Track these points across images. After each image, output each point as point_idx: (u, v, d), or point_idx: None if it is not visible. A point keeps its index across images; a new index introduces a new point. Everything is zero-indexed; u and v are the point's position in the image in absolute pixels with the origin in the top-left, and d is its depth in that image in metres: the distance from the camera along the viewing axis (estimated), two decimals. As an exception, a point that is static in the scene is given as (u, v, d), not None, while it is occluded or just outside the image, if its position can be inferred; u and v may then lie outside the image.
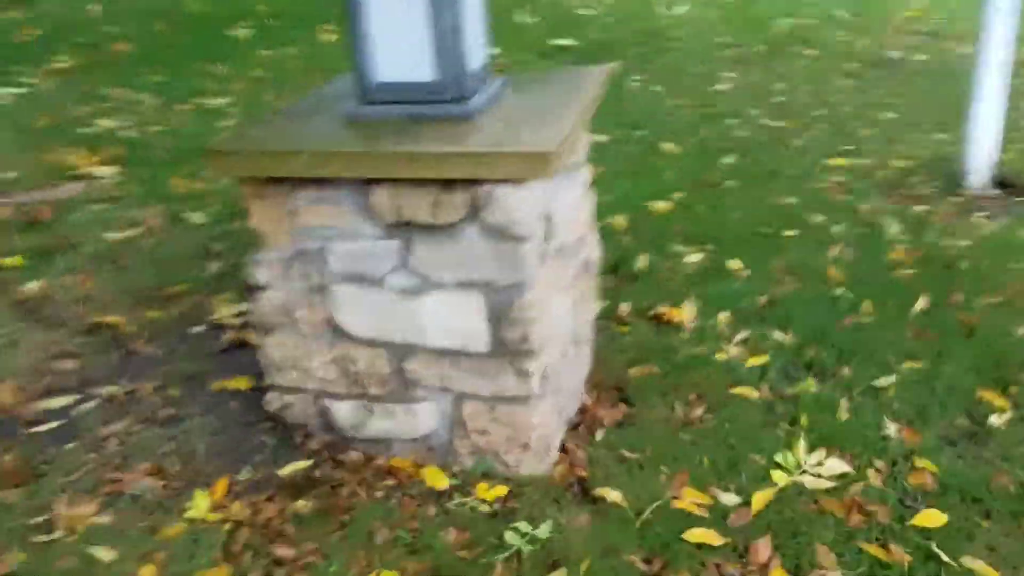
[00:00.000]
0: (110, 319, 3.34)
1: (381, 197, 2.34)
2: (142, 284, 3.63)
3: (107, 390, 3.01)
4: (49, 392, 2.98)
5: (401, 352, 2.53)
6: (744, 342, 3.19)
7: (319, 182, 2.37)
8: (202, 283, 3.66)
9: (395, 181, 2.30)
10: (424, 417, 2.59)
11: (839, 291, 3.48)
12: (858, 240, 3.91)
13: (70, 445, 2.71)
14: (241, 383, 3.04)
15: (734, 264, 3.68)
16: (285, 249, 2.50)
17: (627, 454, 2.64)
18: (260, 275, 2.55)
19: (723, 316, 3.34)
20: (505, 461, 2.56)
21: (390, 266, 2.43)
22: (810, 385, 2.93)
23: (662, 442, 2.68)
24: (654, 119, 5.68)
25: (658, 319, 3.33)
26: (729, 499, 2.47)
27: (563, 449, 2.67)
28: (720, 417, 2.80)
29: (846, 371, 3.01)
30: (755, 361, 3.06)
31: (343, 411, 2.65)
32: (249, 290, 2.60)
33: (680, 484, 2.52)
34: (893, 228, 4.05)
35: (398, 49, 2.39)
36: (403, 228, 2.38)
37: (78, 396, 2.96)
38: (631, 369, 3.05)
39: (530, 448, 2.53)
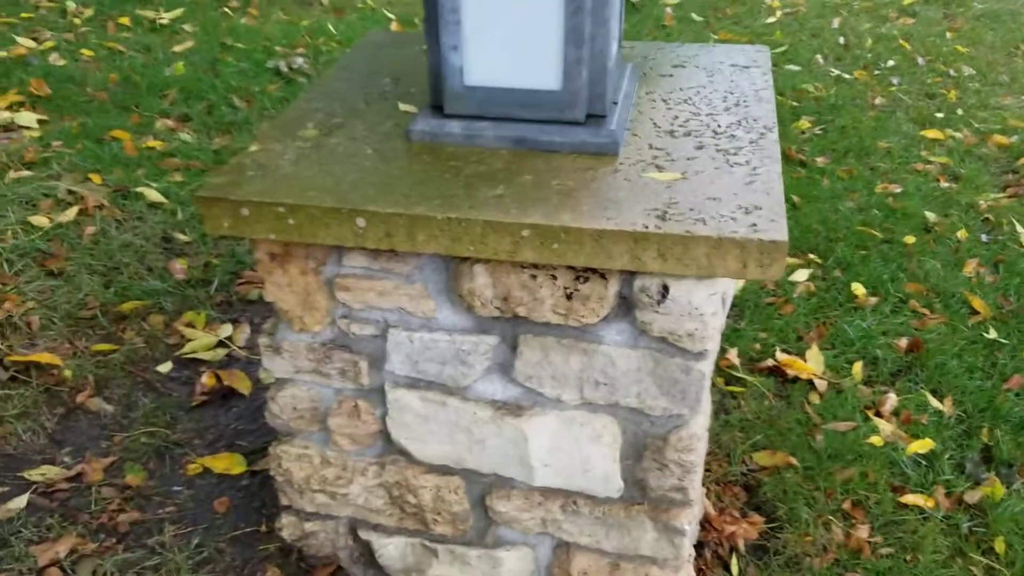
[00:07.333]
0: (40, 357, 2.44)
1: (478, 282, 1.49)
2: (82, 299, 2.69)
3: (41, 473, 2.16)
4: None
5: (486, 486, 1.74)
6: (896, 413, 2.44)
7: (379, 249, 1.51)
8: (165, 294, 2.75)
9: (503, 261, 1.46)
10: (511, 566, 1.81)
11: (992, 332, 2.73)
12: (990, 252, 3.14)
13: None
14: (230, 463, 2.23)
15: (857, 288, 2.89)
16: (319, 332, 1.66)
17: (784, 610, 1.92)
18: (277, 366, 1.71)
19: (858, 367, 2.58)
20: (625, 631, 1.81)
21: (481, 370, 1.60)
22: (997, 490, 2.21)
23: (826, 587, 1.96)
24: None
25: (779, 372, 2.55)
26: None
27: (693, 595, 1.92)
28: (895, 544, 2.08)
29: (1034, 463, 2.31)
30: (919, 447, 2.32)
31: (391, 550, 1.86)
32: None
33: (865, 664, 1.82)
34: (1025, 232, 3.30)
35: (503, 36, 1.51)
36: (507, 321, 1.55)
37: None
38: (758, 455, 2.29)
39: (663, 616, 1.78)
